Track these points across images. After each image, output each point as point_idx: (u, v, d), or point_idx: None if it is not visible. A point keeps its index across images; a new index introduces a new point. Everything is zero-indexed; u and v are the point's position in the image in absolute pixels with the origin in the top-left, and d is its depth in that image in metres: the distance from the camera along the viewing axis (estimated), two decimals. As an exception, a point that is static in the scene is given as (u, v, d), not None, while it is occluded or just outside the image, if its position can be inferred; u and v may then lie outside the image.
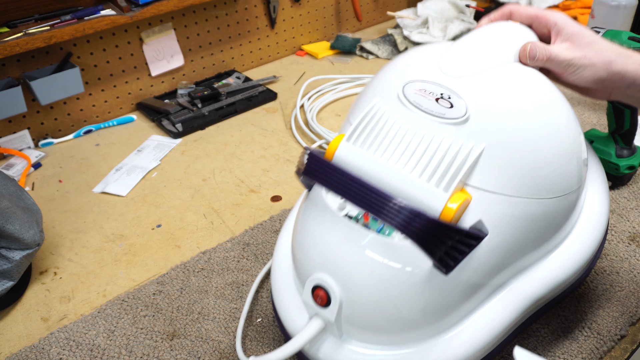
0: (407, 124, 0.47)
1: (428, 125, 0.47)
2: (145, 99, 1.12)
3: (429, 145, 0.46)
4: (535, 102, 0.48)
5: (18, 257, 0.66)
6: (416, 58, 0.53)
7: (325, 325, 0.49)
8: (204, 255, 0.74)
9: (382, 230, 0.48)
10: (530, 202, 0.47)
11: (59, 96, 0.97)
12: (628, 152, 0.81)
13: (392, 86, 0.50)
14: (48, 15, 0.94)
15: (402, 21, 1.36)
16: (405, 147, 0.47)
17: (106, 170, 0.94)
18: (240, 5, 1.19)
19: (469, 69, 0.49)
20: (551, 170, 0.47)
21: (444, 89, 0.48)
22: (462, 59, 0.50)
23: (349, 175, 0.45)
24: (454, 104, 0.46)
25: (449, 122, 0.46)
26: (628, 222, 0.76)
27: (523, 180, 0.46)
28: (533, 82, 0.50)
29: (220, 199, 0.86)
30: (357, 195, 0.44)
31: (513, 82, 0.49)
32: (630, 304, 0.64)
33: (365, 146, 0.48)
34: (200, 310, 0.66)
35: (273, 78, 1.22)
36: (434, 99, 0.47)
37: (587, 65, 0.51)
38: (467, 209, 0.45)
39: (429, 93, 0.48)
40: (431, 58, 0.51)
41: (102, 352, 0.61)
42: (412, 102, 0.48)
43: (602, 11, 1.18)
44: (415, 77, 0.49)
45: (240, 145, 1.00)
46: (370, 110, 0.50)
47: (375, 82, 0.54)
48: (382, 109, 0.49)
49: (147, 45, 1.08)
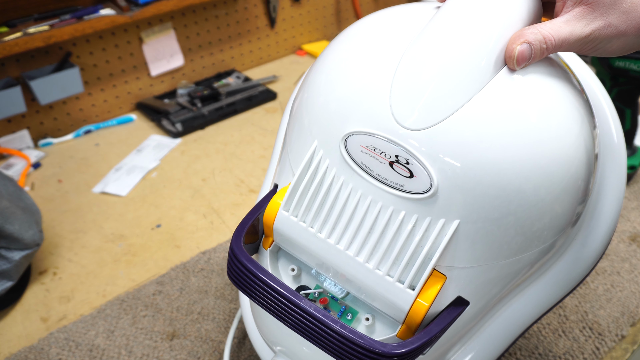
0: (356, 195, 0.37)
1: (383, 198, 0.36)
2: (145, 99, 1.12)
3: (386, 228, 0.36)
4: (527, 150, 0.35)
5: (17, 257, 0.66)
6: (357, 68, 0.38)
7: None
8: (204, 256, 0.74)
9: (344, 314, 0.41)
10: (518, 260, 0.38)
11: (58, 96, 0.97)
12: (629, 152, 0.81)
13: (331, 129, 0.38)
14: (47, 15, 0.94)
15: (402, 21, 1.35)
16: (357, 228, 0.37)
17: (106, 170, 0.94)
18: (240, 5, 1.19)
19: (431, 112, 0.34)
20: (545, 222, 0.37)
21: (399, 148, 0.35)
22: (421, 92, 0.35)
23: (276, 289, 0.37)
24: (414, 173, 0.35)
25: (410, 197, 0.35)
26: (629, 222, 0.76)
27: (509, 245, 0.37)
28: (525, 115, 0.35)
29: (220, 199, 0.86)
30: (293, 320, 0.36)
31: (496, 126, 0.34)
32: (630, 305, 0.64)
33: (308, 219, 0.39)
34: (200, 310, 0.66)
35: (273, 78, 1.22)
36: (387, 162, 0.35)
37: (613, 35, 0.37)
38: (443, 288, 0.37)
39: (380, 153, 0.36)
40: (378, 77, 0.36)
41: (101, 352, 0.61)
42: (359, 163, 0.37)
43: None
44: (359, 125, 0.36)
45: (240, 145, 1.00)
46: (309, 166, 0.39)
47: (306, 106, 0.41)
48: (323, 165, 0.38)
49: (146, 45, 1.08)
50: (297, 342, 0.43)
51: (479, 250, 0.36)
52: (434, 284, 0.36)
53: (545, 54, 0.37)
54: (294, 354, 0.44)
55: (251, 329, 0.52)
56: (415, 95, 0.35)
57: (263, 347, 0.51)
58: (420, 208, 0.35)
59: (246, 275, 0.38)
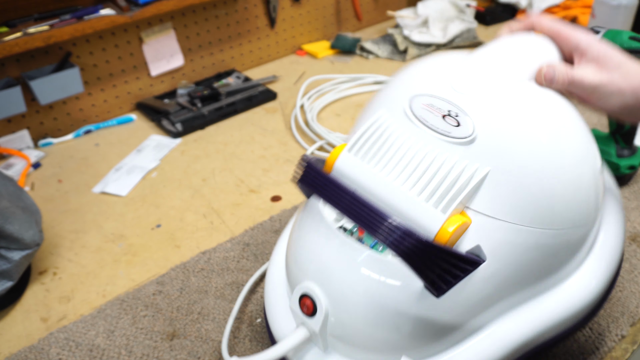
0: (411, 140, 0.46)
1: (432, 142, 0.45)
2: (144, 99, 1.12)
3: (431, 164, 0.44)
4: (548, 129, 0.45)
5: (17, 257, 0.66)
6: (428, 69, 0.51)
7: (310, 336, 0.48)
8: (204, 256, 0.74)
9: (375, 246, 0.47)
10: (533, 232, 0.45)
11: (58, 96, 0.97)
12: (629, 152, 0.81)
13: (400, 98, 0.49)
14: (47, 15, 0.94)
15: (402, 21, 1.36)
16: (407, 164, 0.45)
17: (106, 170, 0.94)
18: (240, 5, 1.19)
19: (480, 86, 0.46)
20: (560, 202, 0.45)
21: (452, 105, 0.46)
22: (475, 74, 0.47)
23: (344, 188, 0.44)
24: (460, 123, 0.45)
25: (454, 141, 0.44)
26: (629, 222, 0.76)
27: (528, 209, 0.44)
28: (549, 106, 0.47)
29: (220, 199, 0.86)
30: (351, 210, 0.43)
31: (527, 105, 0.46)
32: (630, 304, 0.64)
33: (366, 158, 0.47)
34: (200, 310, 0.66)
35: (273, 78, 1.22)
36: (440, 115, 0.46)
37: (614, 91, 0.46)
38: (466, 232, 0.44)
39: (436, 109, 0.46)
40: (443, 71, 0.49)
41: (101, 353, 0.61)
42: (418, 116, 0.46)
43: (602, 11, 1.17)
44: (424, 90, 0.48)
45: (240, 145, 1.00)
46: (375, 122, 0.49)
47: (383, 92, 0.53)
48: (387, 121, 0.48)
49: (146, 45, 1.08)
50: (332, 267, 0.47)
51: (503, 202, 0.44)
52: (460, 218, 0.43)
53: (565, 83, 0.47)
54: (325, 279, 0.47)
55: (272, 307, 0.55)
56: (470, 74, 0.48)
57: (280, 326, 0.53)
58: (460, 152, 0.44)
59: (319, 179, 0.46)
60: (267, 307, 0.56)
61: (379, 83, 1.19)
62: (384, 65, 1.27)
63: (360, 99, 1.14)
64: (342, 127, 1.03)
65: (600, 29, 0.72)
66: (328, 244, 0.47)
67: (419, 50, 1.31)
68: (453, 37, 1.32)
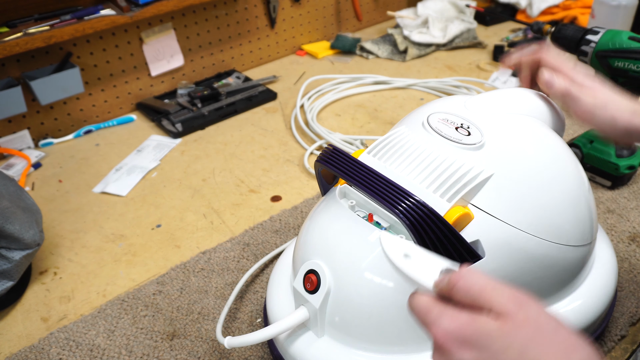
0: (425, 145, 0.52)
1: (444, 147, 0.51)
2: (145, 99, 1.12)
3: (442, 163, 0.49)
4: (546, 148, 0.52)
5: (18, 257, 0.66)
6: (443, 102, 0.58)
7: (309, 317, 0.51)
8: (204, 256, 0.74)
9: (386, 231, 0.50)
10: (531, 239, 0.48)
11: (58, 96, 0.97)
12: (628, 152, 0.81)
13: (418, 117, 0.55)
14: (48, 15, 0.94)
15: (402, 21, 1.36)
16: (420, 162, 0.50)
17: (106, 170, 0.94)
18: (240, 5, 1.19)
19: (490, 108, 0.54)
20: (557, 215, 0.50)
21: (464, 120, 0.53)
22: (486, 101, 0.55)
23: (366, 166, 0.50)
24: (471, 133, 0.51)
25: (464, 147, 0.50)
26: (628, 222, 0.76)
27: (526, 214, 0.48)
28: (547, 134, 0.54)
29: (220, 199, 0.86)
30: (369, 183, 0.48)
31: (528, 126, 0.54)
32: (630, 304, 0.64)
33: (383, 159, 0.52)
34: (200, 310, 0.66)
35: (273, 78, 1.22)
36: (454, 127, 0.52)
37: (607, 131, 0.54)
38: (468, 227, 0.47)
39: (450, 122, 0.53)
40: (457, 99, 0.57)
41: (102, 352, 0.61)
42: (434, 128, 0.53)
43: (602, 11, 1.18)
44: (440, 109, 0.55)
45: (240, 145, 1.00)
46: (394, 133, 0.54)
47: (405, 118, 0.59)
48: (406, 133, 0.54)
49: (147, 45, 1.08)
50: (340, 243, 0.50)
51: (504, 203, 0.48)
52: (463, 210, 0.47)
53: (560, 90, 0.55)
54: (332, 255, 0.50)
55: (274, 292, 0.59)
56: (481, 100, 0.56)
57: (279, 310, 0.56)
58: (469, 156, 0.50)
59: (342, 157, 0.52)
60: (269, 290, 0.59)
61: (379, 83, 1.19)
62: (384, 66, 1.27)
63: (360, 99, 1.14)
64: (342, 127, 1.04)
65: (600, 29, 0.72)
66: (339, 223, 0.52)
67: (419, 50, 1.31)
68: (453, 37, 1.32)
